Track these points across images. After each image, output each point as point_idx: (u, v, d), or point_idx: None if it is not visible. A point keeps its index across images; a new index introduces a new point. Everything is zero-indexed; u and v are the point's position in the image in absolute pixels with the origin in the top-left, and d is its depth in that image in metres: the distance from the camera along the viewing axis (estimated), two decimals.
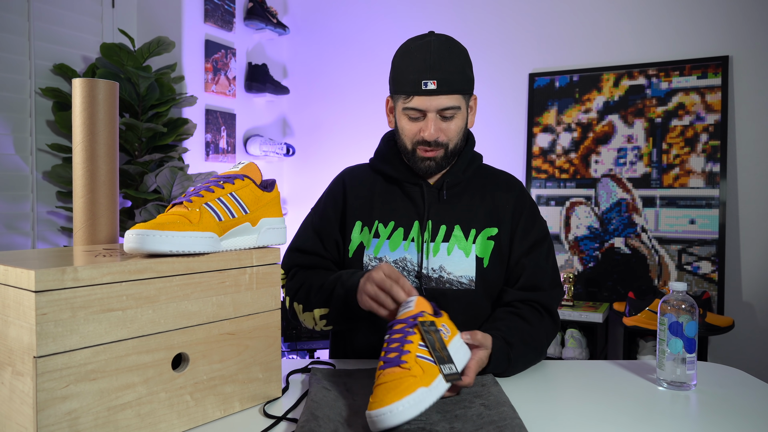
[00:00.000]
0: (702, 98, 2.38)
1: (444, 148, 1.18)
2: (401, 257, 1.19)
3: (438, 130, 1.15)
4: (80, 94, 0.99)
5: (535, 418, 0.84)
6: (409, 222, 1.22)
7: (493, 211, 1.22)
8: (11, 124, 2.01)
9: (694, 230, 2.37)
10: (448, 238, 1.19)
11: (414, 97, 1.14)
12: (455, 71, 1.14)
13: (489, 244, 1.20)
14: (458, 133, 1.18)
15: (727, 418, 0.86)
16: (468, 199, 1.23)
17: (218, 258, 0.83)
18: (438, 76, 1.12)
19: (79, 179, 1.00)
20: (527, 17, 2.73)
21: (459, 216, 1.21)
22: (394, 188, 1.26)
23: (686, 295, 1.00)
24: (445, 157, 1.19)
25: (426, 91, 1.13)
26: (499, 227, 1.21)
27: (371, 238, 1.22)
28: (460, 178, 1.24)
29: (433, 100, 1.13)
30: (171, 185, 2.15)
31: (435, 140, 1.15)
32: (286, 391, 0.96)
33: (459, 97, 1.15)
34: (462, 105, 1.17)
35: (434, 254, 1.19)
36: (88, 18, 2.26)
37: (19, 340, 0.66)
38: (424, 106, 1.14)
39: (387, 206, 1.24)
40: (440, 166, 1.20)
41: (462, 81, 1.15)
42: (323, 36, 3.23)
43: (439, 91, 1.12)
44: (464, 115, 1.19)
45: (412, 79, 1.14)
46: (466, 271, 1.17)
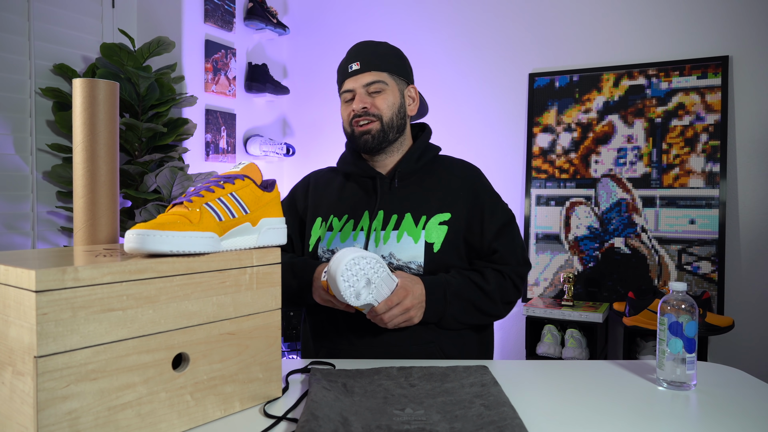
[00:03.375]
0: (702, 98, 2.38)
1: (378, 120, 1.27)
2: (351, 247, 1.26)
3: (365, 102, 1.27)
4: (81, 94, 0.99)
5: (535, 418, 0.84)
6: (360, 213, 1.29)
7: (445, 197, 1.27)
8: (11, 124, 2.02)
9: (694, 230, 2.37)
10: (398, 226, 1.25)
11: (345, 81, 1.30)
12: (378, 55, 1.29)
13: (441, 229, 1.24)
14: (389, 107, 1.28)
15: (727, 418, 0.86)
16: (420, 188, 1.29)
17: (218, 258, 0.83)
18: (360, 58, 1.28)
19: (80, 179, 1.00)
20: (527, 17, 2.73)
21: (410, 204, 1.27)
22: (351, 184, 1.34)
23: (686, 295, 1.00)
24: (382, 131, 1.27)
25: (351, 73, 1.28)
26: (452, 212, 1.26)
27: (326, 232, 1.30)
28: (412, 167, 1.30)
29: (357, 79, 1.28)
30: (171, 185, 2.16)
31: (364, 110, 1.26)
32: (286, 391, 0.96)
33: (384, 74, 1.28)
34: (389, 82, 1.28)
35: (384, 242, 1.24)
36: (88, 18, 2.26)
37: (19, 339, 0.66)
38: (350, 85, 1.28)
39: (343, 201, 1.32)
40: (378, 140, 1.28)
41: (385, 62, 1.29)
42: (323, 36, 3.23)
43: (362, 69, 1.27)
44: (395, 94, 1.29)
45: (343, 68, 1.31)
46: (415, 257, 1.22)
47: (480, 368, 1.03)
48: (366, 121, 1.27)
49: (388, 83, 1.28)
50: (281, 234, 0.96)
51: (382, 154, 1.32)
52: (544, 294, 2.64)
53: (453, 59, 2.89)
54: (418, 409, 0.86)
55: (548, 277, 2.63)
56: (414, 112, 1.35)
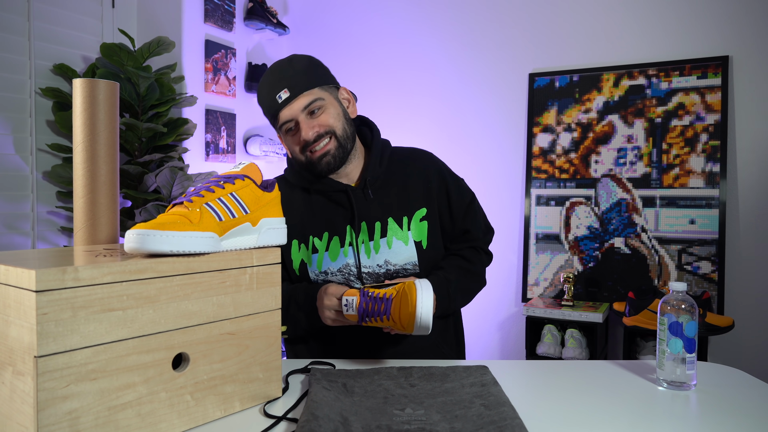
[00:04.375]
0: (702, 98, 2.38)
1: (331, 136, 1.20)
2: (344, 264, 1.23)
3: (312, 126, 1.19)
4: (81, 95, 0.99)
5: (535, 418, 0.84)
6: (342, 228, 1.24)
7: (416, 193, 1.27)
8: (11, 124, 2.02)
9: (694, 230, 2.37)
10: (385, 233, 1.24)
11: (278, 113, 1.19)
12: (301, 75, 1.19)
13: (423, 225, 1.26)
14: (338, 119, 1.21)
15: (727, 418, 0.86)
16: (392, 190, 1.27)
17: (218, 258, 0.83)
18: (285, 84, 1.18)
19: (80, 179, 1.00)
20: (527, 17, 2.73)
21: (388, 209, 1.25)
22: (318, 199, 1.27)
23: (686, 295, 1.00)
24: (339, 146, 1.21)
25: (282, 103, 1.18)
26: (428, 206, 1.27)
27: (310, 255, 1.25)
28: (378, 171, 1.26)
29: (293, 106, 1.18)
30: (171, 185, 2.16)
31: (316, 135, 1.19)
32: (286, 391, 0.96)
33: (316, 90, 1.19)
34: (324, 95, 1.20)
35: (376, 252, 1.23)
36: (88, 18, 2.26)
37: (19, 339, 0.66)
38: (289, 115, 1.19)
39: (317, 219, 1.26)
40: (339, 157, 1.22)
41: (310, 77, 1.20)
42: (323, 36, 3.23)
43: (293, 95, 1.17)
44: (334, 104, 1.22)
45: (270, 101, 1.20)
46: (409, 258, 1.24)
47: (480, 368, 1.03)
48: (321, 144, 1.20)
49: (324, 97, 1.20)
50: (281, 234, 0.96)
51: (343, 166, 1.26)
52: (544, 294, 2.64)
53: (453, 59, 2.89)
54: (418, 409, 0.86)
55: (548, 277, 2.63)
56: (355, 113, 1.29)
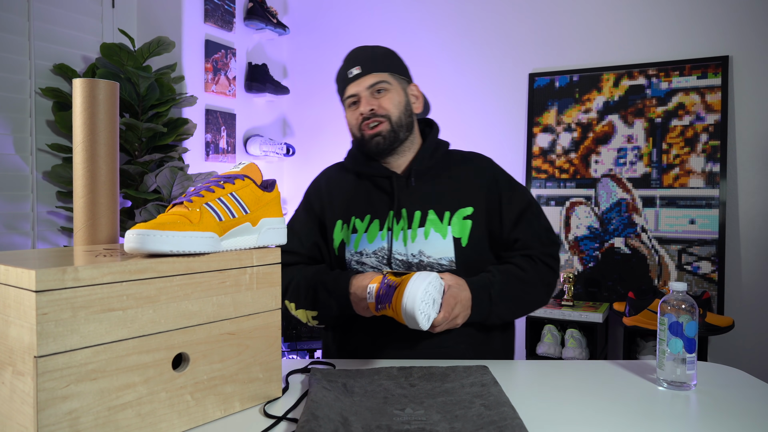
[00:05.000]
0: (702, 98, 2.38)
1: (386, 120, 1.26)
2: (379, 247, 1.25)
3: (371, 103, 1.26)
4: (81, 94, 0.99)
5: (535, 418, 0.84)
6: (384, 213, 1.27)
7: (465, 192, 1.27)
8: (11, 124, 2.02)
9: (694, 230, 2.37)
10: (423, 223, 1.24)
11: (347, 87, 1.29)
12: (376, 56, 1.29)
13: (466, 223, 1.24)
14: (396, 105, 1.27)
15: (727, 418, 0.86)
16: (438, 183, 1.28)
17: (219, 258, 0.83)
18: (360, 62, 1.28)
19: (80, 179, 1.00)
20: (527, 17, 2.73)
21: (431, 200, 1.26)
22: (366, 184, 1.32)
23: (686, 295, 1.00)
24: (392, 131, 1.26)
25: (352, 78, 1.28)
26: (475, 206, 1.26)
27: (350, 234, 1.28)
28: (427, 163, 1.30)
29: (360, 82, 1.27)
30: (171, 185, 2.16)
31: (371, 112, 1.25)
32: (286, 391, 0.96)
33: (386, 74, 1.28)
34: (391, 81, 1.28)
35: (412, 240, 1.23)
36: (88, 18, 2.26)
37: (19, 339, 0.66)
38: (354, 90, 1.27)
39: (362, 202, 1.30)
40: (390, 140, 1.27)
41: (384, 62, 1.29)
42: (323, 36, 3.23)
43: (364, 72, 1.27)
44: (399, 93, 1.29)
45: (343, 75, 1.30)
46: (445, 253, 1.22)
47: (480, 368, 1.03)
48: (375, 123, 1.26)
49: (391, 83, 1.27)
50: (281, 234, 0.96)
51: (394, 155, 1.31)
52: None
53: (453, 59, 2.89)
54: (418, 409, 0.86)
55: None
56: (420, 110, 1.34)
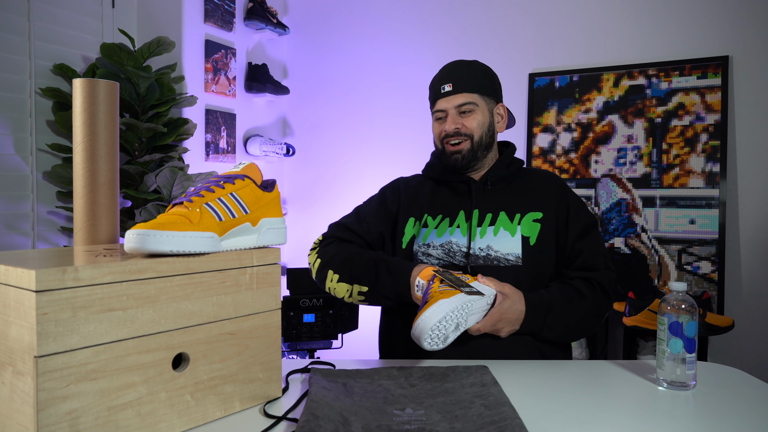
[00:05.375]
0: (702, 98, 2.38)
1: (468, 139, 1.32)
2: (446, 240, 1.30)
3: (456, 122, 1.32)
4: (81, 94, 0.99)
5: (535, 418, 0.84)
6: (456, 212, 1.33)
7: (535, 199, 1.33)
8: (11, 124, 2.02)
9: (694, 230, 2.37)
10: (494, 222, 1.30)
11: (437, 101, 1.36)
12: (470, 76, 1.34)
13: (535, 226, 1.29)
14: (479, 126, 1.33)
15: (727, 418, 0.86)
16: (511, 190, 1.35)
17: (219, 258, 0.83)
18: (453, 80, 1.34)
19: (80, 179, 1.00)
20: (527, 17, 2.73)
21: (504, 204, 1.33)
22: (443, 189, 1.40)
23: (686, 295, 1.00)
24: (472, 150, 1.33)
25: (444, 94, 1.34)
26: (544, 212, 1.31)
27: (420, 229, 1.34)
28: (503, 172, 1.37)
29: (450, 100, 1.33)
30: (171, 185, 2.16)
31: (455, 131, 1.32)
32: (286, 391, 0.96)
33: (475, 96, 1.33)
34: (479, 103, 1.34)
35: (481, 236, 1.29)
36: (88, 18, 2.26)
37: (19, 339, 0.66)
38: (443, 105, 1.34)
39: (436, 203, 1.37)
40: (468, 159, 1.33)
41: (476, 83, 1.34)
42: (323, 36, 3.23)
43: (454, 91, 1.33)
44: (485, 114, 1.35)
45: (435, 89, 1.37)
46: (513, 249, 1.27)
47: (480, 368, 1.03)
48: (457, 141, 1.33)
49: (478, 104, 1.33)
50: (281, 234, 0.96)
51: (471, 170, 1.38)
52: None
53: (453, 59, 2.89)
54: (418, 409, 0.86)
55: None
56: (503, 129, 1.41)
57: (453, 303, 1.00)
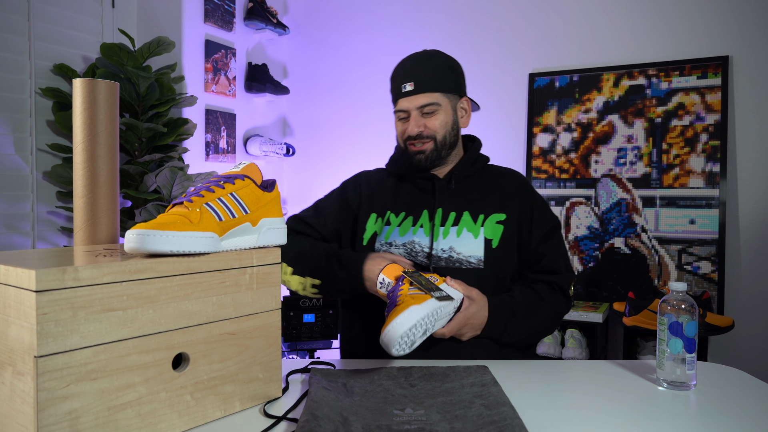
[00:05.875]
0: (702, 98, 2.38)
1: (432, 140, 1.29)
2: (409, 240, 1.28)
3: (419, 124, 1.28)
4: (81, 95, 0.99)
5: (535, 418, 0.84)
6: (419, 211, 1.31)
7: (500, 200, 1.31)
8: (11, 124, 2.02)
9: (694, 230, 2.37)
10: (457, 222, 1.28)
11: (398, 100, 1.30)
12: (431, 74, 1.28)
13: (498, 228, 1.28)
14: (443, 126, 1.29)
15: (727, 418, 0.86)
16: (476, 189, 1.33)
17: (219, 258, 0.83)
18: (414, 79, 1.27)
19: (80, 179, 1.00)
20: (527, 17, 2.73)
21: (468, 203, 1.30)
22: (407, 185, 1.36)
23: (686, 295, 1.00)
24: (435, 150, 1.29)
25: (405, 93, 1.28)
26: (507, 214, 1.29)
27: (383, 226, 1.32)
28: (468, 170, 1.34)
29: (411, 100, 1.28)
30: (171, 185, 2.16)
31: (418, 134, 1.28)
32: (286, 391, 0.96)
33: (438, 95, 1.28)
34: (442, 101, 1.29)
35: (444, 237, 1.27)
36: (88, 18, 2.26)
37: (19, 339, 0.66)
38: (405, 106, 1.29)
39: (399, 199, 1.35)
40: (432, 159, 1.30)
41: (439, 80, 1.28)
42: (323, 36, 3.23)
43: (416, 90, 1.27)
44: (448, 112, 1.30)
45: (396, 86, 1.31)
46: (475, 251, 1.25)
47: (480, 368, 1.03)
48: (420, 143, 1.29)
49: (441, 103, 1.28)
50: (281, 234, 0.96)
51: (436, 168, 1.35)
52: None
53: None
54: (418, 409, 0.86)
55: None
56: (467, 124, 1.37)
57: (425, 310, 0.99)
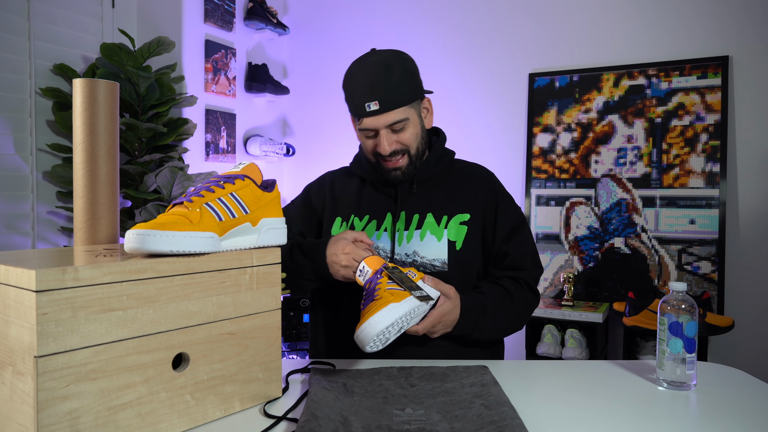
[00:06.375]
0: (702, 98, 2.38)
1: (405, 154, 1.25)
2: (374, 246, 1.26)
3: (392, 142, 1.23)
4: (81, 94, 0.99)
5: (535, 418, 0.84)
6: (383, 214, 1.30)
7: (464, 199, 1.29)
8: (11, 124, 2.02)
9: (694, 230, 2.37)
10: (421, 225, 1.26)
11: (362, 119, 1.23)
12: (394, 88, 1.20)
13: (462, 228, 1.26)
14: (415, 139, 1.26)
15: (727, 418, 0.86)
16: (439, 190, 1.30)
17: (218, 258, 0.83)
18: (378, 96, 1.19)
19: (80, 179, 1.00)
20: (527, 17, 2.73)
21: (431, 205, 1.28)
22: (369, 188, 1.34)
23: (686, 295, 1.00)
24: (411, 163, 1.27)
25: (370, 113, 1.21)
26: (471, 213, 1.28)
27: None
28: (430, 172, 1.31)
29: (378, 119, 1.21)
30: (171, 185, 2.16)
31: (392, 151, 1.23)
32: (286, 391, 0.96)
33: (404, 109, 1.22)
34: (410, 115, 1.24)
35: (407, 241, 1.26)
36: (88, 18, 2.26)
37: (19, 339, 0.66)
38: (372, 125, 1.22)
39: (363, 203, 1.33)
40: (408, 174, 1.28)
41: (402, 95, 1.22)
42: (323, 36, 3.23)
43: (382, 109, 1.20)
44: (416, 122, 1.26)
45: (357, 103, 1.22)
46: (439, 255, 1.24)
47: (480, 368, 1.03)
48: (395, 160, 1.25)
49: (409, 116, 1.24)
50: (281, 234, 0.96)
51: None
52: (544, 294, 2.64)
53: (453, 59, 2.89)
54: (418, 409, 0.86)
55: (548, 277, 2.63)
56: (431, 123, 1.34)
57: (403, 308, 0.97)
